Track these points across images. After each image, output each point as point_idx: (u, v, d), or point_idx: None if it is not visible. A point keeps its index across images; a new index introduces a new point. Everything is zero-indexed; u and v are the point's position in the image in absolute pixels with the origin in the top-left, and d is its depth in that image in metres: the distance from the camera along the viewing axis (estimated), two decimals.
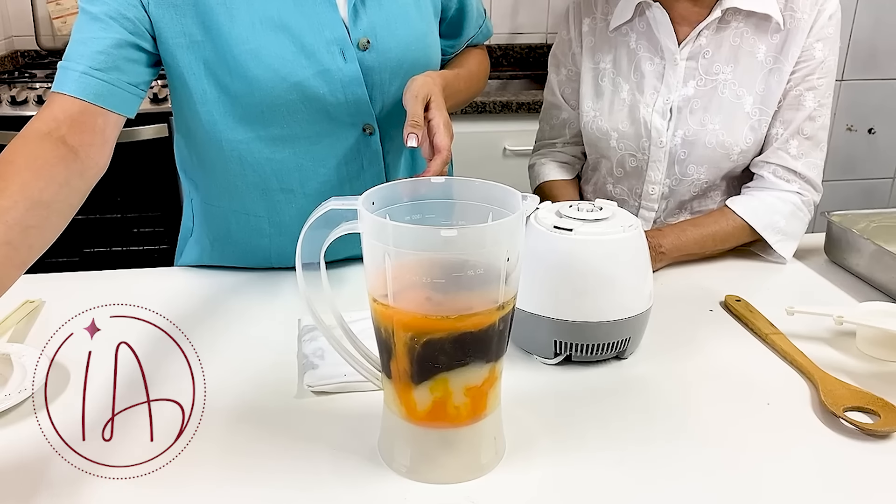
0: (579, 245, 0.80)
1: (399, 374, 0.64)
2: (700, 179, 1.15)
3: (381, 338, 0.65)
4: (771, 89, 1.10)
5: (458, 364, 0.62)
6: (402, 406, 0.65)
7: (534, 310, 0.82)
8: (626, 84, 1.16)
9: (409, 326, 0.61)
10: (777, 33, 1.09)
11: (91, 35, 0.87)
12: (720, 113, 1.11)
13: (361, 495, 0.65)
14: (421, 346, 0.61)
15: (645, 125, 1.14)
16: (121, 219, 2.13)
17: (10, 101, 1.99)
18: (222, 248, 1.09)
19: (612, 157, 1.19)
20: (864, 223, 1.11)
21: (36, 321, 0.93)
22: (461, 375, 0.63)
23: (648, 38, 1.14)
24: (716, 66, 1.11)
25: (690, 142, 1.12)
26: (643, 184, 1.18)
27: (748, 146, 1.11)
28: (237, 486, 0.65)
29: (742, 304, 0.96)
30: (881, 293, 1.01)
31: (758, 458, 0.70)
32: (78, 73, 0.86)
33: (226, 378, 0.79)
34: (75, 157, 0.84)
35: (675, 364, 0.85)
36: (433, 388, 0.63)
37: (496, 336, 0.63)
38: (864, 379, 0.81)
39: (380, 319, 0.64)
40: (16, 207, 0.73)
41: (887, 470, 0.69)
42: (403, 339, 0.62)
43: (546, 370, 0.83)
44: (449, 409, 0.64)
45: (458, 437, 0.66)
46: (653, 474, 0.68)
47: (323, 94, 0.94)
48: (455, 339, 0.61)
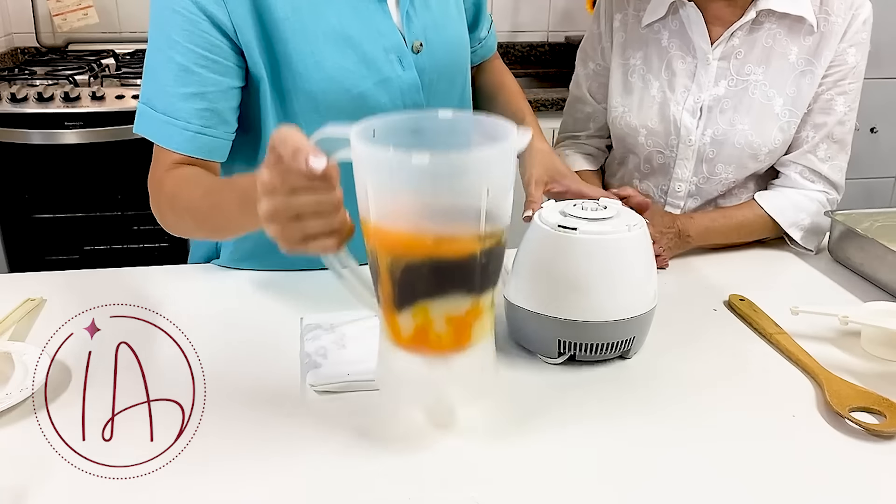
0: (583, 244, 0.80)
1: (385, 298, 0.64)
2: (728, 179, 1.16)
3: (370, 261, 0.65)
4: (802, 91, 1.11)
5: (438, 292, 0.62)
6: (390, 329, 0.66)
7: (537, 309, 0.81)
8: (656, 81, 1.16)
9: (390, 250, 0.62)
10: (810, 36, 1.09)
11: (191, 90, 0.89)
12: (750, 113, 1.11)
13: (365, 495, 0.64)
14: (400, 272, 0.62)
15: (675, 123, 1.14)
16: (121, 217, 2.13)
17: (10, 98, 1.98)
18: (262, 259, 1.06)
19: (640, 154, 1.20)
20: (868, 222, 1.11)
21: (37, 319, 0.92)
22: (441, 304, 0.63)
23: (681, 37, 1.14)
24: (747, 66, 1.11)
25: (719, 141, 1.13)
26: (670, 181, 1.18)
27: (776, 147, 1.12)
28: (238, 486, 0.65)
29: (746, 303, 0.95)
30: (885, 293, 1.01)
31: (763, 458, 0.69)
32: (192, 133, 0.91)
33: (226, 378, 0.79)
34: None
35: (679, 364, 0.84)
36: (414, 315, 0.63)
37: (478, 268, 0.62)
38: (869, 379, 0.81)
39: (368, 241, 0.64)
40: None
41: (893, 470, 0.68)
42: (386, 263, 0.62)
43: (549, 369, 0.83)
44: (431, 337, 0.64)
45: (444, 363, 0.66)
46: (657, 473, 0.67)
47: (384, 104, 0.95)
48: (433, 266, 0.61)
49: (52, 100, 2.00)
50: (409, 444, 0.71)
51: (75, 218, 2.12)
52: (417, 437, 0.72)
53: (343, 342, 0.84)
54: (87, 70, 2.19)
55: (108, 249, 2.16)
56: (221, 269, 1.09)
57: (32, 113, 1.98)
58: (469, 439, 0.72)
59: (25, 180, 2.06)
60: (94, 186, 2.08)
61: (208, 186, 0.89)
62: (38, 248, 2.14)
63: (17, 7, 2.46)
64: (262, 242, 1.04)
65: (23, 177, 2.06)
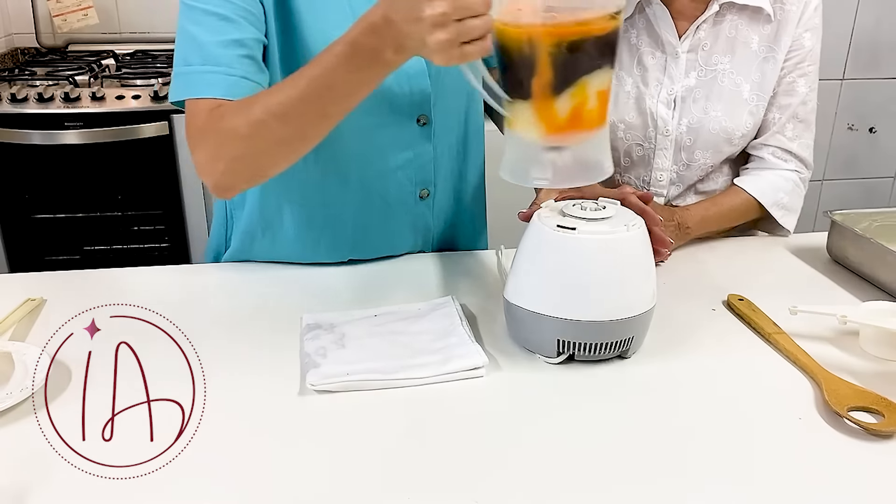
0: (582, 244, 0.80)
1: (541, 88, 0.71)
2: (706, 164, 1.21)
3: (522, 61, 0.71)
4: (766, 76, 1.18)
5: (595, 66, 0.72)
6: (542, 122, 0.73)
7: (537, 309, 0.82)
8: (629, 77, 1.21)
9: (558, 36, 0.69)
10: (768, 24, 1.17)
11: (232, 37, 0.89)
12: (721, 101, 1.18)
13: (364, 495, 0.64)
14: (565, 52, 0.70)
15: (651, 115, 1.20)
16: (121, 217, 2.13)
17: (11, 99, 1.99)
18: (272, 239, 1.08)
19: (620, 148, 1.24)
20: (866, 222, 1.11)
21: (37, 319, 0.93)
22: (596, 78, 0.72)
23: (649, 34, 1.20)
24: (714, 57, 1.18)
25: (695, 129, 1.19)
26: (651, 171, 1.23)
27: (748, 130, 1.20)
28: (238, 486, 0.65)
29: (745, 303, 0.95)
30: (884, 292, 1.01)
31: (761, 457, 0.69)
32: (237, 77, 0.88)
33: (226, 378, 0.79)
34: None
35: (678, 363, 0.85)
36: (574, 94, 0.72)
37: (615, 42, 0.73)
38: (867, 378, 0.81)
39: (518, 41, 0.70)
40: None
41: (891, 470, 0.68)
42: (547, 50, 0.69)
43: (549, 369, 0.83)
44: (584, 114, 0.73)
45: (588, 144, 0.76)
46: (656, 473, 0.67)
47: (390, 85, 0.97)
48: (589, 42, 0.70)
49: (52, 100, 2.00)
50: (409, 444, 0.71)
51: (75, 218, 2.12)
52: (417, 436, 0.72)
53: (342, 342, 0.84)
54: (87, 70, 2.19)
55: (108, 250, 2.17)
56: (221, 269, 1.10)
57: (32, 113, 1.99)
58: (469, 439, 0.72)
59: (25, 181, 2.07)
60: (94, 187, 2.09)
61: (289, 79, 0.81)
62: (38, 249, 2.14)
63: (17, 7, 2.47)
64: (271, 222, 1.07)
65: (23, 177, 2.06)
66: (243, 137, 0.83)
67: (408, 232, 1.11)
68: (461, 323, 0.88)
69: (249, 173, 0.88)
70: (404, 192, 1.07)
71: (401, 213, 1.08)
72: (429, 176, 1.08)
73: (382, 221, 1.08)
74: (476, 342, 0.84)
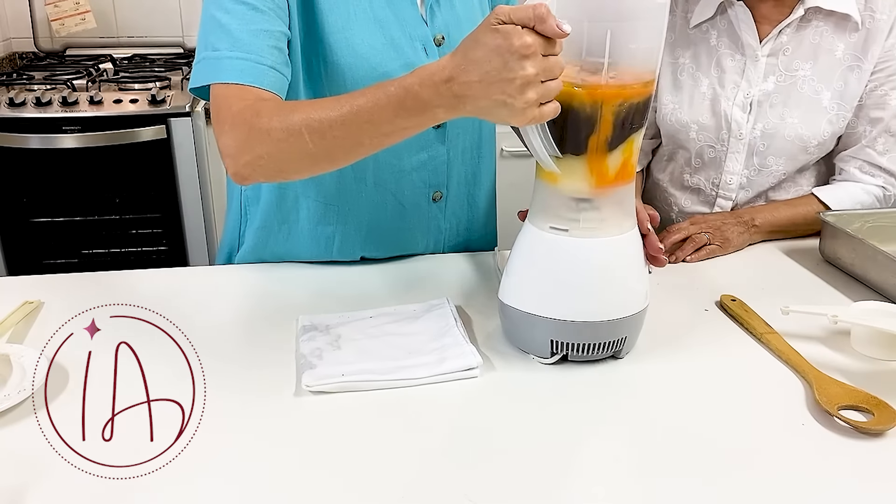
0: (575, 245, 0.81)
1: (598, 145, 0.77)
2: (779, 170, 1.21)
3: (582, 119, 0.76)
4: (849, 85, 1.16)
5: (639, 126, 0.79)
6: (593, 176, 0.79)
7: (531, 310, 0.82)
8: (705, 78, 1.22)
9: (619, 96, 0.75)
10: (855, 32, 1.15)
11: (262, 27, 0.90)
12: (799, 107, 1.17)
13: (358, 493, 0.65)
14: (625, 110, 0.76)
15: (725, 118, 1.20)
16: (119, 220, 2.14)
17: (9, 103, 1.99)
18: (287, 236, 1.09)
19: (691, 148, 1.25)
20: (858, 223, 1.12)
21: (35, 322, 0.93)
22: (637, 135, 0.79)
23: (730, 35, 1.20)
24: (795, 62, 1.17)
25: (770, 134, 1.18)
26: (721, 174, 1.24)
27: (825, 139, 1.18)
28: (237, 486, 0.66)
29: (737, 303, 0.96)
30: (876, 292, 1.02)
31: (752, 456, 0.70)
32: (266, 67, 0.89)
33: (223, 379, 0.80)
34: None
35: (671, 363, 0.85)
36: (624, 150, 0.78)
37: (651, 103, 0.81)
38: (858, 378, 0.82)
39: (581, 100, 0.76)
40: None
41: (881, 467, 0.69)
42: (612, 109, 0.76)
43: (543, 369, 0.84)
44: (629, 168, 0.80)
45: (624, 193, 0.81)
46: (648, 472, 0.68)
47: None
48: (642, 102, 0.77)
49: (50, 104, 2.01)
50: (403, 444, 0.71)
51: (73, 222, 2.13)
52: (412, 436, 0.73)
53: (338, 343, 0.85)
54: (84, 75, 2.20)
55: (106, 253, 2.17)
56: (219, 271, 1.10)
57: (31, 117, 1.99)
58: (462, 438, 0.73)
59: (24, 184, 2.07)
60: (92, 190, 2.09)
61: (335, 99, 0.81)
62: (37, 252, 2.14)
63: (15, 12, 2.47)
64: (282, 225, 1.08)
65: (21, 181, 2.07)
66: (276, 141, 0.83)
67: (420, 233, 1.12)
68: (456, 324, 0.89)
69: (271, 173, 0.88)
70: (418, 193, 1.09)
71: (414, 213, 1.10)
72: (442, 178, 1.09)
73: (396, 221, 1.09)
74: (471, 343, 0.85)
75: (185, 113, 2.02)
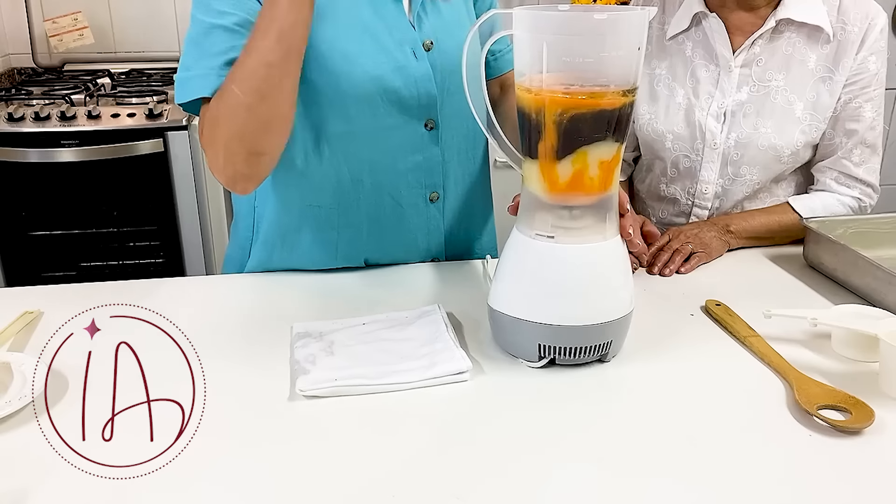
0: (561, 251, 0.83)
1: (546, 151, 0.79)
2: (752, 180, 1.23)
3: (531, 123, 0.79)
4: (821, 96, 1.18)
5: (596, 138, 0.78)
6: (545, 181, 0.80)
7: (518, 314, 0.84)
8: (681, 89, 1.23)
9: (558, 104, 0.76)
10: (827, 44, 1.17)
11: (230, 44, 0.93)
12: (772, 117, 1.19)
13: (351, 494, 0.67)
14: (567, 121, 0.77)
15: (700, 127, 1.22)
16: (117, 233, 2.15)
17: (7, 118, 2.01)
18: (292, 246, 1.12)
19: (667, 158, 1.26)
20: (841, 229, 1.14)
21: (35, 331, 0.95)
22: (597, 149, 0.78)
23: (704, 47, 1.22)
24: (768, 73, 1.19)
25: (744, 144, 1.20)
26: (696, 183, 1.25)
27: (798, 149, 1.20)
28: (236, 486, 0.67)
29: (722, 308, 0.98)
30: (857, 297, 1.04)
31: (734, 455, 0.72)
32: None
33: (220, 384, 0.81)
34: None
35: (657, 366, 0.87)
36: (574, 161, 0.79)
37: (625, 118, 0.79)
38: (837, 378, 0.84)
39: (531, 106, 0.79)
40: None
41: (858, 464, 0.71)
42: (553, 118, 0.77)
43: (531, 373, 0.86)
44: (585, 181, 0.80)
45: (589, 208, 0.81)
46: (634, 473, 0.70)
47: (398, 88, 1.02)
48: (595, 115, 0.77)
49: (48, 119, 2.03)
50: (395, 446, 0.73)
51: (71, 235, 2.14)
52: (403, 439, 0.74)
53: (331, 349, 0.87)
54: (82, 89, 2.22)
55: (104, 266, 2.18)
56: (217, 281, 1.12)
57: (29, 132, 2.01)
58: (453, 441, 0.74)
59: (22, 198, 2.09)
60: (91, 204, 2.11)
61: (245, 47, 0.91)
62: (35, 266, 2.16)
63: (13, 28, 2.50)
64: (291, 231, 1.11)
65: (20, 195, 2.08)
66: (222, 118, 0.91)
67: (421, 235, 1.14)
68: (447, 329, 0.91)
69: (244, 152, 0.93)
70: (415, 194, 1.11)
71: (413, 215, 1.12)
72: (437, 179, 1.11)
73: (396, 223, 1.11)
74: (461, 348, 0.86)
75: (182, 126, 2.05)
